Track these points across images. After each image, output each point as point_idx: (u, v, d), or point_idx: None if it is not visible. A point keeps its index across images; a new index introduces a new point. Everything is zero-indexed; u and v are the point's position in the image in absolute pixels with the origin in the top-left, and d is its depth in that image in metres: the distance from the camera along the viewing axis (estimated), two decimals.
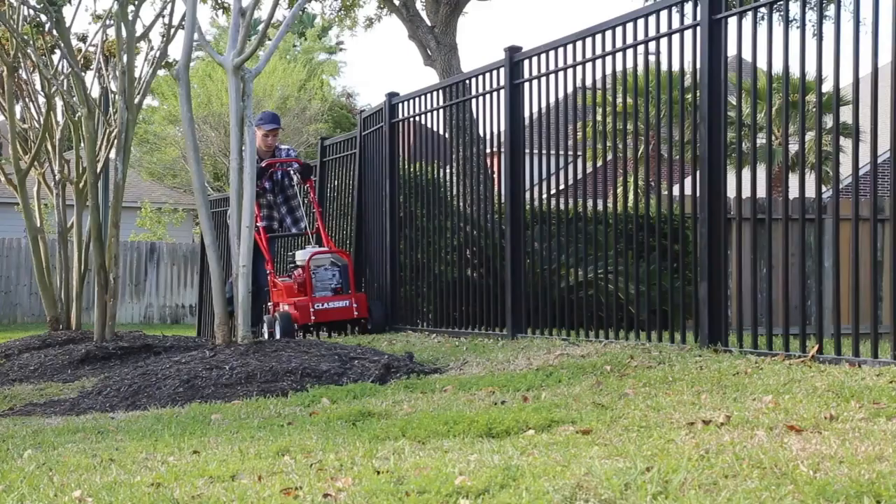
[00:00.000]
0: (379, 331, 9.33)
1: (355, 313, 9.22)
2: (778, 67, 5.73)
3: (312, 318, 9.07)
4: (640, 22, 6.64)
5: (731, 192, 6.15)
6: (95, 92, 10.58)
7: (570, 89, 7.47)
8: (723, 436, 3.58)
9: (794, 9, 13.99)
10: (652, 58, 6.72)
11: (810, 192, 9.13)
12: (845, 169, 17.42)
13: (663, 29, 6.44)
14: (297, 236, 10.88)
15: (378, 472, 3.39)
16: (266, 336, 9.04)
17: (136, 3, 9.44)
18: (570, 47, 7.33)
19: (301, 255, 9.47)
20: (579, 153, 7.92)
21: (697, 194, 6.08)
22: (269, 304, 9.74)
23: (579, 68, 7.28)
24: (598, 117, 7.31)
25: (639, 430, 3.84)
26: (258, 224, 9.39)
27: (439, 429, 4.14)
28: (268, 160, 9.91)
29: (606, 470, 3.12)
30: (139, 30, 9.63)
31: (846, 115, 17.55)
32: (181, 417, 5.31)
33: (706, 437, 3.59)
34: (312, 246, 9.67)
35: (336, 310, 9.17)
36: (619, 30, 6.83)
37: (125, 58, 9.14)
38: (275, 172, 10.08)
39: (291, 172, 10.09)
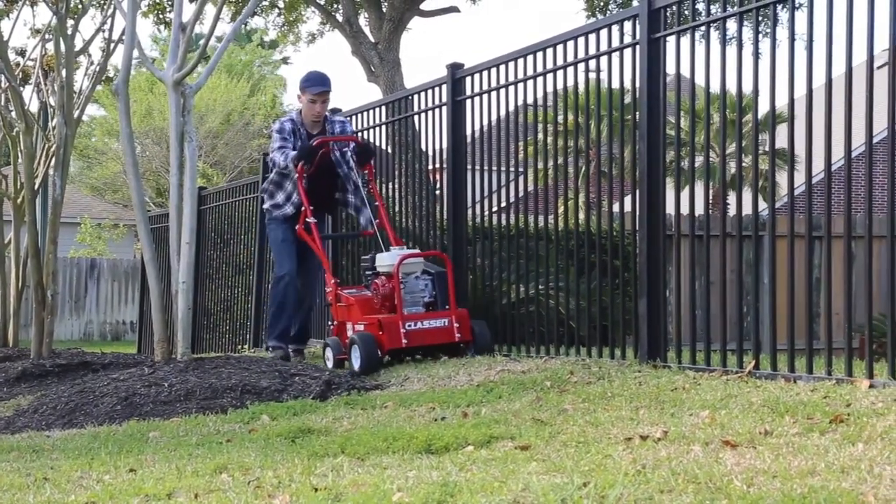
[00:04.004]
0: (488, 353, 7.09)
1: (457, 335, 7.09)
2: (716, 86, 5.81)
3: (404, 341, 7.02)
4: (581, 40, 6.69)
5: (671, 210, 6.21)
6: (34, 107, 10.49)
7: (512, 106, 7.51)
8: (660, 451, 3.61)
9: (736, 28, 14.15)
10: (593, 75, 6.77)
11: (750, 209, 9.20)
12: (784, 189, 17.65)
13: (603, 47, 6.49)
14: (354, 237, 9.00)
15: (316, 489, 3.38)
16: (329, 364, 7.37)
17: (76, 17, 9.37)
18: (511, 64, 7.37)
19: (385, 260, 7.31)
20: (521, 170, 7.96)
21: (637, 211, 6.14)
22: (330, 323, 7.96)
23: (521, 85, 7.32)
24: (540, 134, 7.35)
25: (577, 445, 3.86)
26: (308, 220, 7.79)
27: (379, 445, 4.13)
28: (318, 139, 7.97)
29: (544, 486, 3.13)
30: (79, 44, 9.55)
31: (783, 135, 17.80)
32: (118, 435, 5.26)
33: (643, 452, 3.62)
34: (399, 248, 7.45)
35: (432, 331, 7.07)
36: (559, 48, 6.88)
37: (64, 72, 9.06)
38: (328, 153, 8.10)
39: (348, 154, 8.10)
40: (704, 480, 3.11)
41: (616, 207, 6.86)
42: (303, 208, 7.85)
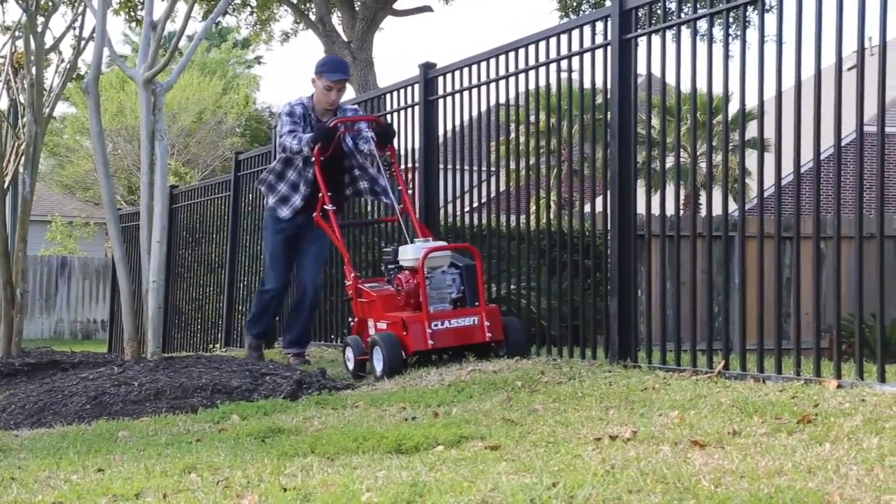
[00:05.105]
0: (519, 355, 6.49)
1: (487, 335, 6.45)
2: (688, 87, 5.83)
3: (430, 342, 6.41)
4: (553, 40, 6.70)
5: (642, 210, 6.23)
6: (3, 104, 10.41)
7: (484, 106, 7.51)
8: (629, 451, 3.62)
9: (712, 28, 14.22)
10: (565, 76, 6.78)
11: (721, 210, 9.25)
12: (754, 189, 17.76)
13: (575, 48, 6.50)
14: (375, 223, 8.58)
15: (285, 490, 3.37)
16: (350, 365, 6.88)
17: (46, 14, 9.31)
18: (483, 64, 7.38)
19: (409, 253, 6.67)
20: (493, 170, 7.97)
21: (608, 211, 6.15)
22: (350, 320, 7.37)
23: (493, 85, 7.33)
24: (513, 134, 7.36)
25: (547, 445, 3.86)
26: (326, 207, 7.18)
27: (349, 445, 4.13)
28: (334, 120, 7.34)
29: (513, 486, 3.14)
30: (49, 41, 9.49)
31: (755, 133, 17.87)
32: (87, 435, 5.23)
33: (612, 452, 3.63)
34: (424, 240, 6.78)
35: (460, 330, 6.44)
36: (531, 48, 6.89)
37: (34, 70, 9.00)
38: (344, 136, 7.42)
39: (369, 136, 7.35)
40: (673, 480, 3.12)
41: (588, 207, 6.88)
42: (319, 194, 7.24)
